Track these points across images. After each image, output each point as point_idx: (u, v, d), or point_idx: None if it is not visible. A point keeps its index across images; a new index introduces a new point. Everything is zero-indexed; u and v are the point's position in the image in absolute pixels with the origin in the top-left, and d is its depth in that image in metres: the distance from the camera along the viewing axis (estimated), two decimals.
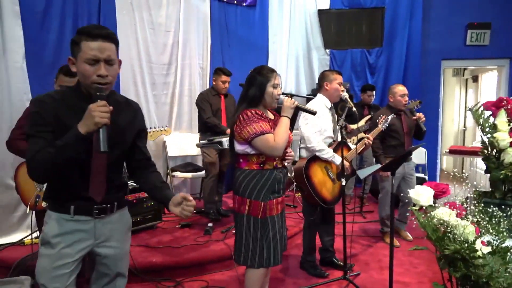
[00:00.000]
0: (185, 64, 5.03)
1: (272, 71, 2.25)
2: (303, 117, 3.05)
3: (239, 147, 2.18)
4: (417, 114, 3.69)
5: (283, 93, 2.30)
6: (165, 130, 3.62)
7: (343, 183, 2.97)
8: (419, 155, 5.21)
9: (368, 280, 3.06)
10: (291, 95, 2.29)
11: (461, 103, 7.59)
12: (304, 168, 2.95)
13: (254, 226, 2.17)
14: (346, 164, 3.03)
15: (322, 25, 6.16)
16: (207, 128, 3.97)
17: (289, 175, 4.79)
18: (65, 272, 1.49)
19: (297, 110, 2.35)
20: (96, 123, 1.33)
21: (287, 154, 2.24)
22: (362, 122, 4.75)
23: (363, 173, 2.77)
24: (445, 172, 6.95)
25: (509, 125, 2.16)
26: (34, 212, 2.54)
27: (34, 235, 3.37)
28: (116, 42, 1.47)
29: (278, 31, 5.95)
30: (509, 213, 1.69)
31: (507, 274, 1.49)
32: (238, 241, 2.25)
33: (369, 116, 4.88)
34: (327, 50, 6.17)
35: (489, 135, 2.10)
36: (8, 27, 3.48)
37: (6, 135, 3.37)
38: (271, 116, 2.28)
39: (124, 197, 1.72)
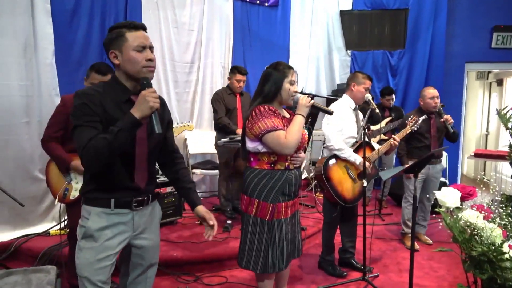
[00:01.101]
0: (207, 63, 5.10)
1: (289, 67, 2.19)
2: (325, 117, 3.06)
3: (250, 145, 2.12)
4: (445, 116, 3.62)
5: (303, 93, 2.26)
6: (188, 125, 3.67)
7: (365, 184, 2.97)
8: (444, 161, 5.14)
9: (387, 282, 3.05)
10: (313, 95, 2.25)
11: (484, 107, 7.44)
12: (323, 166, 2.97)
13: (260, 229, 2.11)
14: (367, 164, 3.01)
15: (344, 26, 6.13)
16: (220, 127, 4.01)
17: (304, 176, 4.73)
18: (107, 264, 1.55)
19: (315, 109, 2.30)
20: (151, 107, 1.43)
21: (294, 155, 2.14)
22: (382, 124, 4.73)
23: (385, 175, 2.77)
24: (472, 175, 6.82)
25: None
26: (64, 204, 2.63)
27: (61, 225, 3.50)
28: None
29: (299, 32, 5.96)
30: None
31: None
32: (243, 242, 2.19)
33: (389, 118, 4.84)
34: (348, 51, 6.14)
35: None
36: (39, 25, 3.59)
37: (36, 129, 3.54)
38: (286, 115, 2.22)
39: (155, 190, 1.77)
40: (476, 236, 1.52)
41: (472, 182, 6.47)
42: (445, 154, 5.22)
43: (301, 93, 2.23)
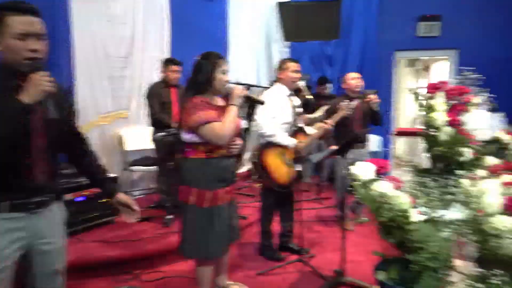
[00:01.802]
0: (144, 57, 4.95)
1: (220, 57, 2.23)
2: (260, 106, 3.10)
3: (186, 136, 2.16)
4: (369, 96, 3.69)
5: (238, 83, 2.33)
6: (121, 112, 3.54)
7: (299, 168, 3.06)
8: (374, 143, 5.36)
9: (323, 261, 3.17)
10: (248, 86, 2.33)
11: None
12: (257, 154, 3.03)
13: (200, 216, 2.16)
14: (300, 146, 3.08)
15: (281, 17, 6.21)
16: (157, 122, 3.93)
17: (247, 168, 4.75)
18: (2, 277, 1.40)
19: (247, 100, 2.39)
20: (43, 91, 1.31)
21: (232, 142, 2.21)
22: (320, 112, 4.85)
23: (314, 157, 2.87)
24: (405, 157, 7.19)
25: (446, 106, 2.28)
26: None
27: None
28: (41, 18, 1.43)
29: (238, 24, 5.99)
30: (442, 184, 1.79)
31: (439, 238, 1.59)
32: (183, 232, 2.23)
33: (327, 106, 4.99)
34: (287, 42, 6.25)
35: (427, 115, 2.21)
36: None
37: None
38: (220, 103, 2.26)
39: (60, 189, 1.65)
40: (386, 204, 1.62)
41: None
42: (378, 138, 5.46)
43: (234, 83, 2.29)
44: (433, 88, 2.39)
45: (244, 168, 5.38)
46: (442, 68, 6.70)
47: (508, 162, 2.27)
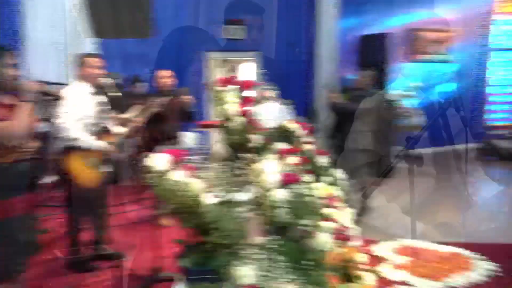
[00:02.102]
0: None
1: (4, 49, 2.06)
2: (59, 105, 2.83)
3: None
4: (182, 97, 3.85)
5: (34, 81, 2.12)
6: None
7: (107, 170, 2.92)
8: (190, 139, 5.54)
9: (141, 262, 3.10)
10: (47, 83, 2.14)
11: None
12: (61, 158, 2.80)
13: None
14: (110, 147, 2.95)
15: (89, 13, 5.78)
16: None
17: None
18: None
19: (44, 95, 2.22)
20: None
21: (23, 145, 2.01)
22: (133, 111, 4.73)
23: (123, 156, 2.79)
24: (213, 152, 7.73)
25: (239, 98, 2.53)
26: None
27: None
28: None
29: (36, 17, 5.33)
30: (233, 168, 1.98)
31: (230, 217, 1.75)
32: None
33: (140, 106, 4.90)
34: (97, 39, 5.86)
35: (221, 107, 2.40)
36: None
37: None
38: (6, 101, 2.01)
39: None
40: (178, 192, 1.68)
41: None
42: (193, 134, 5.67)
43: (28, 80, 2.13)
44: (225, 82, 2.62)
45: (51, 178, 4.82)
46: (249, 68, 7.44)
47: (294, 146, 2.67)
